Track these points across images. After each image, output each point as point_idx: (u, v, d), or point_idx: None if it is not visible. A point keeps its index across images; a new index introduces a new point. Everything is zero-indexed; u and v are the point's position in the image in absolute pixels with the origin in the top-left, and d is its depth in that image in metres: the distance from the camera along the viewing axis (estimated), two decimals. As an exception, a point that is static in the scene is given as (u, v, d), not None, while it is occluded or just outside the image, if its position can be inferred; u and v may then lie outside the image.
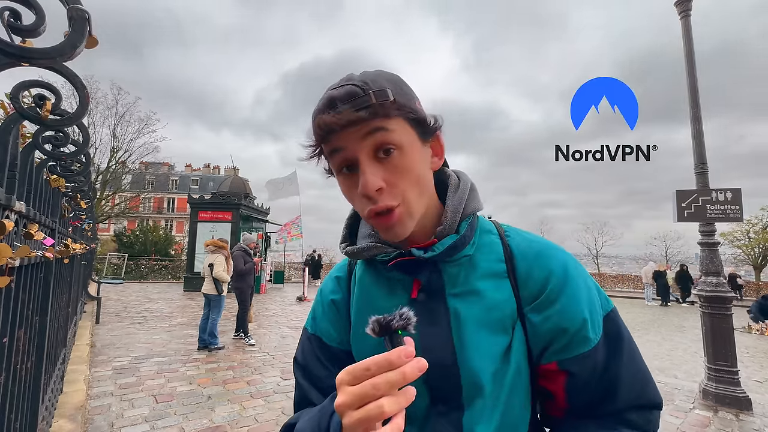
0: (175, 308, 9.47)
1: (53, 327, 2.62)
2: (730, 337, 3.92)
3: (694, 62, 4.31)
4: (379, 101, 0.50)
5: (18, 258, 1.25)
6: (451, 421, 0.55)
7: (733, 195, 4.05)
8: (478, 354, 0.55)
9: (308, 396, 0.64)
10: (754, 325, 8.91)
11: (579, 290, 0.57)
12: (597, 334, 0.55)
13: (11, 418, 1.45)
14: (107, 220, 26.03)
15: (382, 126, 0.51)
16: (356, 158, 0.52)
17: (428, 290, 0.60)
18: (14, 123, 1.25)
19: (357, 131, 0.51)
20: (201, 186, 47.02)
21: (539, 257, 0.59)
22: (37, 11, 0.95)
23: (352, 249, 0.63)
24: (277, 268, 17.48)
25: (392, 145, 0.52)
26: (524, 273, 0.59)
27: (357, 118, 0.50)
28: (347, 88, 0.51)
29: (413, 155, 0.55)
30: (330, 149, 0.54)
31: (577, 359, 0.55)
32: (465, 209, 0.61)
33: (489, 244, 0.62)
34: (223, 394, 3.94)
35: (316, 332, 0.69)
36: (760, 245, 23.97)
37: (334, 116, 0.50)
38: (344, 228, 0.70)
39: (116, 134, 22.99)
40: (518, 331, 0.57)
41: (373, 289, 0.65)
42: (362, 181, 0.52)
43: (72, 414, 2.94)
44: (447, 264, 0.60)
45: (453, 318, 0.57)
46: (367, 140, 0.51)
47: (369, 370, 0.39)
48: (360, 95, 0.51)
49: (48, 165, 2.08)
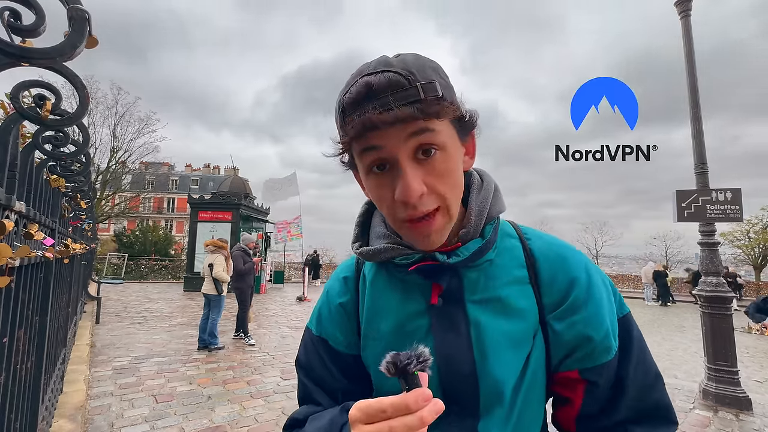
0: (175, 308, 9.47)
1: (53, 327, 2.62)
2: (730, 337, 3.92)
3: (694, 62, 4.31)
4: (429, 96, 0.45)
5: (18, 258, 1.25)
6: (464, 427, 0.53)
7: (733, 195, 4.05)
8: (499, 365, 0.53)
9: (312, 395, 0.63)
10: (753, 325, 8.91)
11: (602, 298, 0.55)
12: (614, 348, 0.54)
13: (11, 418, 1.45)
14: (107, 220, 26.03)
15: (429, 126, 0.46)
16: (395, 159, 0.48)
17: (447, 296, 0.56)
18: (14, 123, 1.25)
19: (402, 129, 0.46)
20: (201, 186, 47.01)
21: (562, 262, 0.57)
22: (37, 11, 0.95)
23: (367, 250, 0.59)
24: (277, 268, 17.48)
25: (436, 145, 0.48)
26: (548, 279, 0.56)
27: (407, 116, 0.44)
28: (389, 76, 0.45)
29: (455, 156, 0.50)
30: (364, 146, 0.48)
31: (599, 368, 0.53)
32: (490, 212, 0.57)
33: (510, 249, 0.59)
34: (223, 394, 3.94)
35: (321, 334, 0.65)
36: (760, 245, 23.98)
37: (380, 113, 0.44)
38: (356, 226, 0.66)
39: (116, 134, 23.03)
40: (539, 338, 0.55)
41: (387, 293, 0.61)
42: (403, 186, 0.47)
43: (72, 414, 2.94)
44: (468, 269, 0.57)
45: (473, 327, 0.54)
46: (411, 140, 0.47)
47: (385, 412, 0.39)
48: (406, 87, 0.45)
49: (48, 165, 2.08)
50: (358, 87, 0.47)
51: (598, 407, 0.55)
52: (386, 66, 0.47)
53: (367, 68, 0.49)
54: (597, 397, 0.55)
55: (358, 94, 0.46)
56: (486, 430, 0.53)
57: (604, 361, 0.53)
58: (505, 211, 0.61)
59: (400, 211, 0.50)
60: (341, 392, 0.63)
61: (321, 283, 17.74)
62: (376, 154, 0.48)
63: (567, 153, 4.05)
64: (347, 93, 0.48)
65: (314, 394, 0.63)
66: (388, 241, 0.59)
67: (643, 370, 0.55)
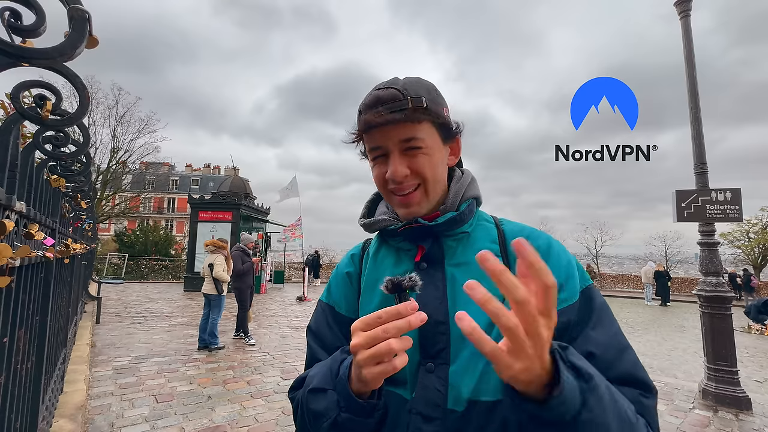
0: (175, 308, 9.47)
1: (53, 327, 2.62)
2: (730, 337, 3.92)
3: (693, 62, 4.31)
4: (415, 106, 0.63)
5: (18, 258, 1.25)
6: (438, 375, 0.61)
7: (732, 195, 4.05)
8: (467, 310, 0.57)
9: (317, 356, 0.73)
10: (754, 325, 8.91)
11: (559, 260, 0.65)
12: (572, 297, 0.61)
13: (11, 418, 1.45)
14: (107, 220, 26.02)
15: (413, 127, 0.64)
16: (389, 151, 0.66)
17: (430, 259, 0.70)
18: (14, 123, 1.26)
19: (392, 129, 0.64)
20: (201, 186, 47.03)
21: (528, 238, 0.66)
22: (37, 11, 0.95)
23: (368, 221, 0.77)
24: (277, 268, 17.48)
25: (419, 143, 0.65)
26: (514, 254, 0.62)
27: (393, 119, 0.63)
28: (391, 91, 0.64)
29: (434, 153, 0.68)
30: (369, 140, 0.68)
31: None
32: (465, 194, 0.73)
33: (486, 229, 0.73)
34: (223, 394, 3.94)
35: (329, 302, 0.78)
36: (760, 245, 23.97)
37: (375, 115, 0.63)
38: (364, 207, 0.83)
39: (116, 134, 23.02)
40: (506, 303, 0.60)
41: (384, 260, 0.75)
42: (392, 169, 0.65)
43: (72, 414, 2.94)
44: (447, 238, 0.71)
45: (449, 281, 0.66)
46: (399, 137, 0.64)
47: (380, 318, 0.49)
48: (400, 99, 0.63)
49: (48, 165, 2.08)
50: (370, 97, 0.67)
51: None
52: (393, 84, 0.66)
53: (380, 85, 0.68)
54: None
55: (369, 101, 0.66)
56: (456, 374, 0.60)
57: (558, 309, 0.57)
58: (479, 195, 0.75)
59: (390, 185, 0.68)
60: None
61: (321, 283, 17.73)
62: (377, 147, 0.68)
63: (567, 153, 4.06)
64: (364, 100, 0.68)
65: (319, 355, 0.73)
66: (386, 215, 0.76)
67: (607, 336, 0.59)
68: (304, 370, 0.75)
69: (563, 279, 0.62)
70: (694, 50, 4.33)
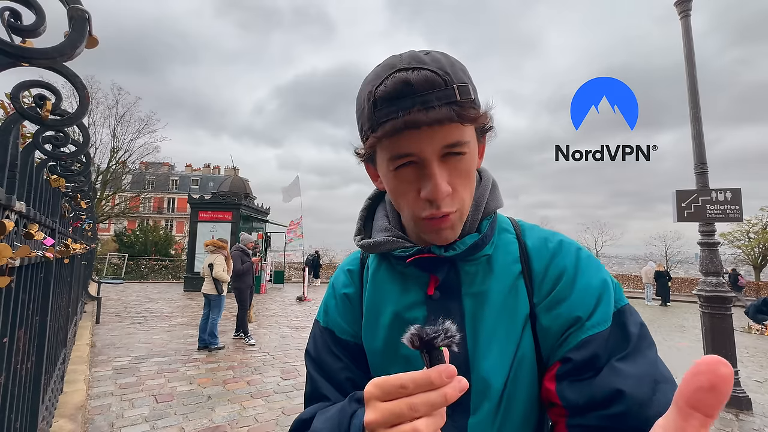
0: (175, 308, 9.47)
1: (53, 327, 2.62)
2: (730, 337, 3.92)
3: (694, 62, 4.31)
4: (463, 99, 0.45)
5: (18, 258, 1.25)
6: (456, 424, 0.53)
7: (732, 195, 4.05)
8: (490, 358, 0.54)
9: (320, 389, 0.62)
10: (753, 325, 8.91)
11: (589, 279, 0.54)
12: (604, 322, 0.50)
13: (11, 418, 1.45)
14: (107, 220, 26.02)
15: (461, 129, 0.47)
16: (425, 159, 0.48)
17: (444, 288, 0.58)
18: (14, 123, 1.25)
19: (437, 131, 0.46)
20: (201, 186, 47.01)
21: (554, 256, 0.57)
22: (37, 11, 0.95)
23: (368, 242, 0.62)
24: (277, 268, 17.47)
25: (463, 148, 0.49)
26: (540, 273, 0.57)
27: (445, 117, 0.44)
28: (426, 74, 0.45)
29: (475, 159, 0.52)
30: (393, 144, 0.48)
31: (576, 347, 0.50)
32: (486, 207, 0.59)
33: (506, 244, 0.60)
34: (223, 394, 3.94)
35: (328, 325, 0.67)
36: (760, 245, 23.98)
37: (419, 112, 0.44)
38: (359, 220, 0.68)
39: (116, 134, 23.02)
40: (527, 332, 0.55)
41: (387, 285, 0.63)
42: (432, 187, 0.48)
43: (72, 414, 2.94)
44: (465, 263, 0.58)
45: (468, 318, 0.55)
46: (443, 142, 0.47)
47: (405, 388, 0.36)
48: (443, 87, 0.45)
49: (48, 165, 2.08)
50: (394, 82, 0.46)
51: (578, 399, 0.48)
52: (420, 63, 0.46)
53: (400, 62, 0.48)
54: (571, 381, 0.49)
55: (394, 89, 0.45)
56: (476, 426, 0.53)
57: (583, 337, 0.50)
58: (502, 206, 0.62)
59: (424, 208, 0.51)
60: (350, 384, 0.62)
61: (321, 282, 17.73)
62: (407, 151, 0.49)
63: (567, 153, 4.06)
64: (381, 86, 0.47)
65: (322, 389, 0.62)
66: (389, 234, 0.61)
67: (640, 369, 0.47)
68: (305, 402, 0.65)
69: (594, 301, 0.52)
70: (694, 50, 4.33)
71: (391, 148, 0.49)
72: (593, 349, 0.49)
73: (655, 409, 0.44)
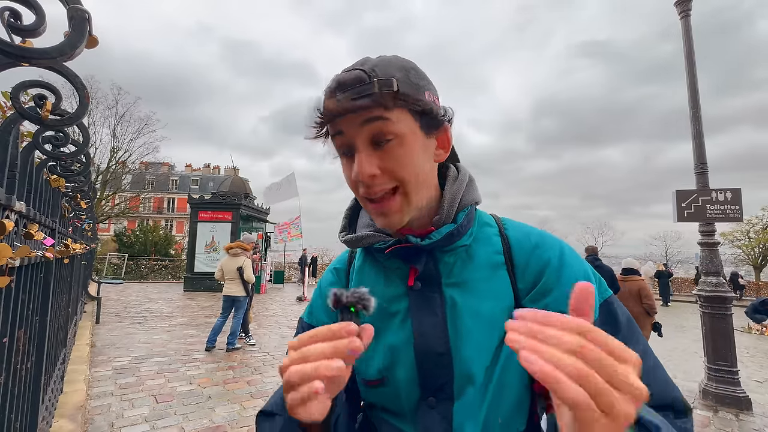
0: (175, 308, 9.46)
1: (53, 327, 2.62)
2: (730, 337, 3.92)
3: (693, 62, 4.32)
4: (382, 90, 0.51)
5: (18, 258, 1.25)
6: (441, 412, 0.55)
7: (732, 195, 4.05)
8: (471, 344, 0.55)
9: None
10: (754, 325, 8.91)
11: (574, 274, 0.56)
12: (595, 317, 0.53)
13: (11, 418, 1.45)
14: (107, 220, 26.01)
15: (381, 115, 0.52)
16: (354, 143, 0.54)
17: (425, 279, 0.60)
18: (14, 123, 1.25)
19: (356, 117, 0.52)
20: (201, 186, 47.02)
21: (536, 248, 0.59)
22: (37, 11, 0.95)
23: (350, 237, 0.64)
24: (277, 268, 17.47)
25: (390, 134, 0.53)
26: (522, 264, 0.59)
27: (355, 106, 0.51)
28: (355, 73, 0.52)
29: (413, 146, 0.55)
30: (333, 131, 0.55)
31: None
32: (462, 200, 0.62)
33: (487, 237, 0.62)
34: (223, 394, 3.94)
35: (311, 322, 0.69)
36: (760, 245, 23.98)
37: (335, 102, 0.51)
38: (344, 218, 0.71)
39: (116, 134, 23.04)
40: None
41: (371, 279, 0.65)
42: (357, 167, 0.53)
43: (72, 414, 2.94)
44: (444, 253, 0.60)
45: (449, 307, 0.58)
46: (365, 127, 0.52)
47: (313, 337, 0.41)
48: (365, 82, 0.51)
49: (48, 165, 2.08)
50: (332, 81, 0.54)
51: None
52: (360, 65, 0.54)
53: (347, 67, 0.56)
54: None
55: (330, 87, 0.53)
56: (460, 414, 0.54)
57: None
58: (480, 200, 0.65)
59: (359, 189, 0.56)
60: None
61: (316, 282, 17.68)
62: (341, 139, 0.55)
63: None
64: (328, 84, 0.55)
65: None
66: (371, 229, 0.65)
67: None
68: None
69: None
70: (694, 50, 4.33)
71: (332, 131, 0.55)
72: None
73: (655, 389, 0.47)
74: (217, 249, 13.36)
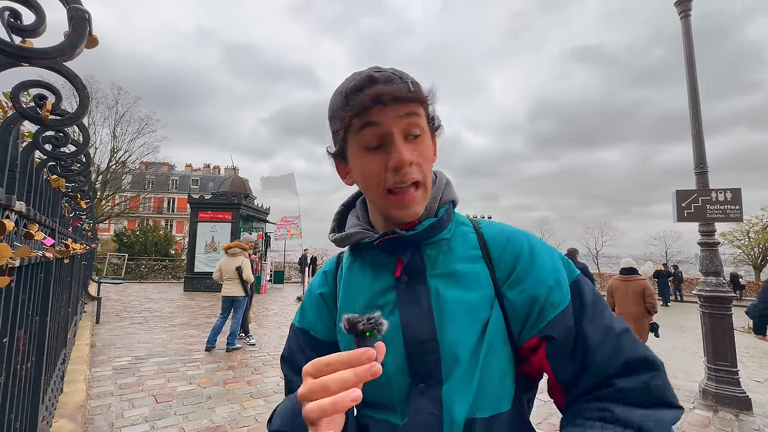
0: (175, 308, 9.46)
1: (53, 327, 2.62)
2: (730, 337, 3.92)
3: (694, 62, 4.32)
4: (417, 89, 0.56)
5: (18, 258, 1.25)
6: (431, 396, 0.57)
7: (732, 195, 4.05)
8: (456, 328, 0.58)
9: (294, 387, 0.67)
10: (754, 325, 8.90)
11: (545, 262, 0.61)
12: (565, 298, 0.58)
13: (11, 418, 1.45)
14: (107, 220, 26.01)
15: (416, 111, 0.57)
16: (390, 134, 0.56)
17: (410, 271, 0.63)
18: (14, 123, 1.25)
19: (399, 108, 0.56)
20: (201, 186, 47.02)
21: (508, 242, 0.65)
22: (37, 11, 0.95)
23: (339, 236, 0.69)
24: (277, 268, 17.47)
25: (420, 129, 0.58)
26: (497, 256, 0.64)
27: (402, 95, 0.54)
28: (386, 74, 0.57)
29: (429, 144, 0.61)
30: (363, 122, 0.56)
31: (550, 324, 0.57)
32: (442, 197, 0.67)
33: (464, 234, 0.68)
34: (223, 394, 3.94)
35: (303, 326, 0.72)
36: (760, 245, 23.98)
37: (383, 88, 0.54)
38: (333, 221, 0.76)
39: (116, 134, 23.03)
40: (496, 309, 0.60)
41: (360, 277, 0.68)
42: (397, 154, 0.56)
43: (72, 414, 2.94)
44: (427, 246, 0.65)
45: (433, 296, 0.61)
46: (404, 120, 0.56)
47: (330, 365, 0.41)
48: (400, 80, 0.56)
49: (48, 165, 2.08)
50: (362, 78, 0.57)
51: (570, 371, 0.57)
52: (378, 70, 0.58)
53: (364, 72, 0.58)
54: (563, 360, 0.57)
55: (362, 82, 0.56)
56: (449, 394, 0.57)
57: (553, 315, 0.57)
58: (457, 200, 0.70)
59: (390, 178, 0.58)
60: None
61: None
62: (373, 130, 0.57)
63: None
64: (351, 83, 0.58)
65: (294, 386, 0.67)
66: (358, 227, 0.68)
67: (602, 327, 0.57)
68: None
69: (553, 282, 0.59)
70: (694, 50, 4.33)
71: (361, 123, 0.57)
72: (567, 322, 0.56)
73: (620, 359, 0.55)
74: (217, 249, 13.35)
